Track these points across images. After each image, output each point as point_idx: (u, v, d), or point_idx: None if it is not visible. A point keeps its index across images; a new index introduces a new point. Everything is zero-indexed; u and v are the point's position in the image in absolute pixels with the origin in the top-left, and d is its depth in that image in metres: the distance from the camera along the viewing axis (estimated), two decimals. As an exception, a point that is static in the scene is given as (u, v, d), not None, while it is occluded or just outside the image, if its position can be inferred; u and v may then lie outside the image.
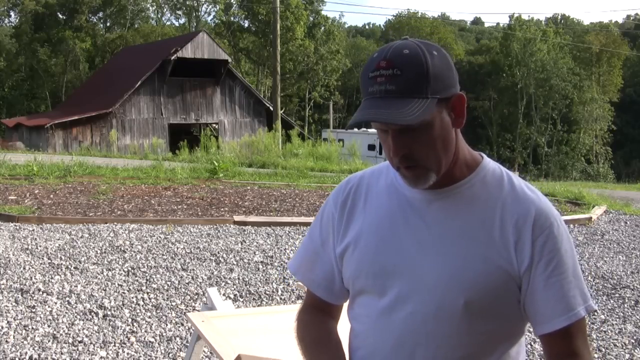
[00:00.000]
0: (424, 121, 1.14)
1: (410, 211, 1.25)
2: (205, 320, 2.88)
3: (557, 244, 1.20)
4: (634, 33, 58.43)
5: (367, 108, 1.14)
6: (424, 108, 1.12)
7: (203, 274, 5.56)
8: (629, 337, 4.40)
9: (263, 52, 43.75)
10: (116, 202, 8.81)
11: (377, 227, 1.28)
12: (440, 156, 1.19)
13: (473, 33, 75.45)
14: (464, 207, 1.23)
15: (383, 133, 1.20)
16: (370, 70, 1.16)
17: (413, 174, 1.19)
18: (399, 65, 1.13)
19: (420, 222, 1.24)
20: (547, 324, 1.21)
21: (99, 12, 49.26)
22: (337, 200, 1.37)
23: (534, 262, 1.19)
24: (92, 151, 23.13)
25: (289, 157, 18.37)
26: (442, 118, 1.18)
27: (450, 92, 1.17)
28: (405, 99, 1.12)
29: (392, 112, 1.11)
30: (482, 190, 1.24)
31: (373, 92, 1.15)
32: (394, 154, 1.17)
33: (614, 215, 9.35)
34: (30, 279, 5.21)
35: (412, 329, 1.21)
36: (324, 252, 1.38)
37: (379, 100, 1.13)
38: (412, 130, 1.15)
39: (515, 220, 1.20)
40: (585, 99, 46.94)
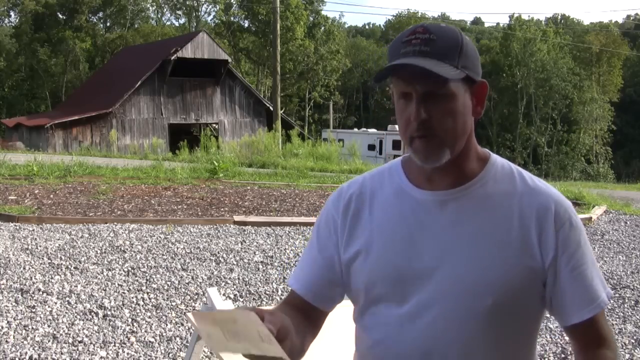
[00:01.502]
0: (450, 91, 1.14)
1: (423, 214, 1.22)
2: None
3: (577, 235, 1.21)
4: (634, 33, 58.42)
5: (402, 60, 1.13)
6: (455, 73, 1.13)
7: (203, 274, 5.56)
8: (629, 337, 4.40)
9: (263, 52, 43.75)
10: (116, 202, 8.81)
11: (390, 232, 1.23)
12: (457, 132, 1.17)
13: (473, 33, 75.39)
14: (480, 206, 1.21)
15: (403, 99, 1.18)
16: (404, 36, 1.16)
17: (427, 146, 1.16)
18: (435, 32, 1.14)
19: (436, 225, 1.20)
20: (575, 315, 1.22)
21: (99, 12, 49.28)
22: (338, 206, 1.31)
23: (559, 254, 1.19)
24: (92, 151, 23.13)
25: (289, 157, 18.37)
26: (465, 97, 1.17)
27: (476, 76, 1.18)
28: (439, 61, 1.12)
29: (429, 64, 1.11)
30: (495, 188, 1.22)
31: (406, 52, 1.14)
32: (414, 117, 1.14)
33: (614, 215, 9.34)
34: (30, 279, 5.21)
35: (438, 335, 1.18)
36: (321, 258, 1.31)
37: (413, 58, 1.13)
38: (436, 97, 1.14)
39: (536, 214, 1.19)
40: (585, 99, 46.94)
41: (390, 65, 1.14)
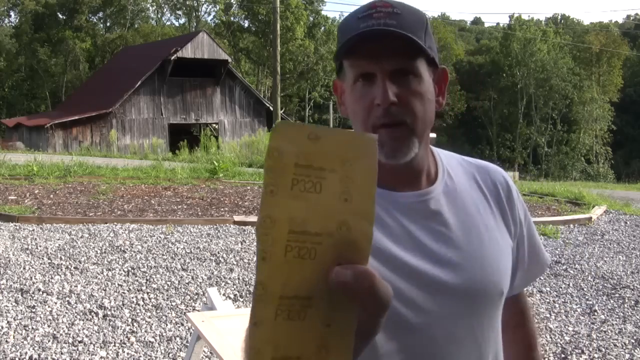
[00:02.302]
0: (419, 70, 1.00)
1: (417, 220, 1.06)
2: (205, 320, 2.88)
3: (521, 198, 1.20)
4: (634, 33, 58.41)
5: (366, 33, 0.97)
6: (427, 49, 0.99)
7: (203, 274, 5.56)
8: (629, 337, 4.40)
9: (263, 52, 43.75)
10: (116, 202, 8.81)
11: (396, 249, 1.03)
12: (426, 120, 1.02)
13: (473, 33, 75.34)
14: (459, 198, 1.10)
15: (362, 82, 1.00)
16: (361, 12, 1.00)
17: (394, 136, 0.99)
18: (399, 7, 1.00)
19: (434, 227, 1.06)
20: (525, 279, 1.21)
21: (99, 12, 49.28)
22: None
23: (523, 224, 1.17)
24: (92, 151, 23.12)
25: (289, 157, 18.35)
26: (430, 82, 1.03)
27: (438, 60, 1.05)
28: (407, 34, 0.97)
29: (397, 32, 0.96)
30: (456, 175, 1.13)
31: (369, 25, 0.97)
32: (382, 100, 0.97)
33: (614, 215, 9.34)
34: (30, 279, 5.21)
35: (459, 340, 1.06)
36: None
37: (378, 30, 0.97)
38: (405, 78, 0.99)
39: (495, 190, 1.15)
40: (585, 99, 46.92)
41: (357, 35, 0.96)
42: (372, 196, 0.58)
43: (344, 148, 0.57)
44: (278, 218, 0.57)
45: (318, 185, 0.57)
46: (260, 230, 0.58)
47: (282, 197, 0.57)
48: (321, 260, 0.58)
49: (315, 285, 0.58)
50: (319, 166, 0.57)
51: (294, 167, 0.57)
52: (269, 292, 0.57)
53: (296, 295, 0.58)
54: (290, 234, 0.57)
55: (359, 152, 0.58)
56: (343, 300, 0.59)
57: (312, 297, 0.58)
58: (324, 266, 0.58)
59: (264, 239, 0.57)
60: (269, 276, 0.57)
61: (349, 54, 1.01)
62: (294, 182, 0.57)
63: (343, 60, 1.03)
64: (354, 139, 0.58)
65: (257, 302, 0.57)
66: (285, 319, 0.58)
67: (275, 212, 0.57)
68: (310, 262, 0.58)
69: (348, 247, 0.58)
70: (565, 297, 5.33)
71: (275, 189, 0.57)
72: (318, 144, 0.57)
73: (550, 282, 5.73)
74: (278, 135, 0.57)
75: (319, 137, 0.57)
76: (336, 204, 0.57)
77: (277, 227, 0.57)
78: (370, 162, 0.57)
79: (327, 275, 0.58)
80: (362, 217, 0.58)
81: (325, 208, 0.57)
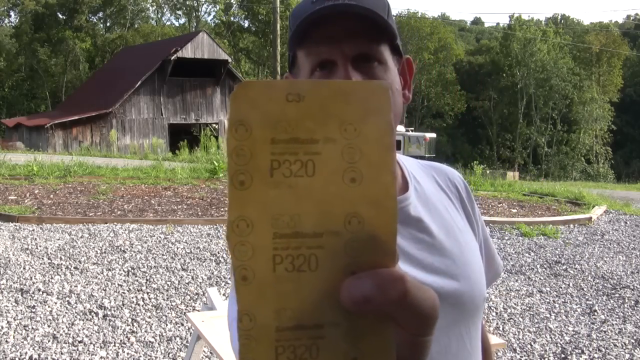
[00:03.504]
0: (383, 56, 0.88)
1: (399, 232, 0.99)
2: (205, 320, 2.88)
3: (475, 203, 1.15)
4: (634, 33, 58.42)
5: (321, 12, 0.84)
6: (390, 28, 0.87)
7: (203, 274, 5.56)
8: (629, 337, 4.40)
9: (263, 52, 43.78)
10: (116, 202, 8.81)
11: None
12: (395, 113, 0.88)
13: (473, 33, 75.37)
14: (429, 202, 1.03)
15: (320, 71, 0.88)
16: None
17: None
18: None
19: (418, 237, 0.99)
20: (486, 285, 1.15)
21: (99, 12, 49.32)
22: None
23: (479, 226, 1.11)
24: (92, 151, 23.13)
25: (289, 157, 18.38)
26: (395, 72, 0.92)
27: (401, 48, 0.93)
28: (370, 9, 0.85)
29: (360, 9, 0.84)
30: (421, 178, 1.06)
31: (325, 6, 0.85)
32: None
33: (614, 215, 9.34)
34: (30, 279, 5.21)
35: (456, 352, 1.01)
36: None
37: (333, 7, 0.84)
38: (367, 65, 0.87)
39: (456, 190, 1.10)
40: (585, 99, 46.94)
41: (310, 15, 0.84)
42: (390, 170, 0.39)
43: (343, 105, 0.39)
44: (256, 218, 0.39)
45: (310, 164, 0.39)
46: (233, 238, 0.38)
47: (258, 188, 0.38)
48: (326, 270, 0.40)
49: (323, 307, 0.40)
50: (308, 137, 0.39)
51: (271, 143, 0.38)
52: (259, 324, 0.39)
53: (299, 325, 0.40)
54: (276, 239, 0.39)
55: (367, 107, 0.39)
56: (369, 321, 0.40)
57: (322, 325, 0.40)
58: (331, 278, 0.40)
59: (240, 250, 0.39)
60: (255, 302, 0.39)
61: (303, 41, 0.88)
62: (273, 164, 0.38)
63: (296, 50, 0.89)
64: (357, 89, 0.40)
65: (245, 340, 0.39)
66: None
67: (251, 210, 0.39)
68: (311, 275, 0.40)
69: (364, 248, 0.40)
70: (565, 297, 5.33)
71: (246, 178, 0.38)
72: (303, 106, 0.38)
73: (550, 282, 5.73)
74: (240, 101, 0.38)
75: (303, 97, 0.39)
76: (340, 189, 0.39)
77: (257, 231, 0.39)
78: (384, 120, 0.39)
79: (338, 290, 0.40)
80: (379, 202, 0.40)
81: (324, 196, 0.39)
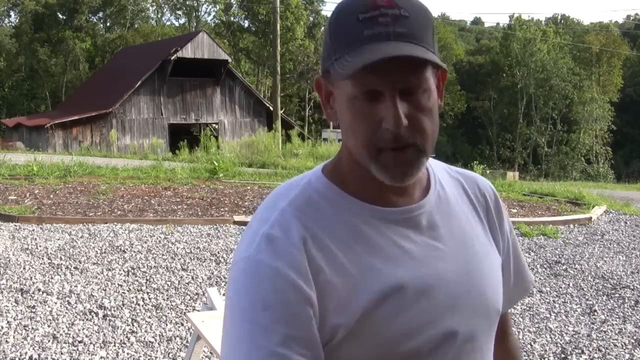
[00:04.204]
0: (428, 84, 0.88)
1: (411, 237, 0.96)
2: (205, 320, 2.88)
3: (508, 216, 1.14)
4: (634, 33, 58.42)
5: (380, 49, 0.82)
6: (438, 62, 0.86)
7: (203, 274, 5.56)
8: (629, 337, 4.40)
9: (263, 52, 43.77)
10: (116, 202, 8.81)
11: (385, 277, 0.92)
12: (434, 134, 0.90)
13: (473, 33, 75.37)
14: (450, 210, 1.02)
15: (365, 98, 0.86)
16: (360, 12, 0.85)
17: (403, 160, 0.88)
18: (405, 6, 0.85)
19: (431, 244, 0.97)
20: (511, 300, 1.15)
21: (99, 12, 49.31)
22: (293, 258, 0.89)
23: (508, 240, 1.11)
24: (92, 151, 23.13)
25: (289, 157, 18.38)
26: (435, 90, 0.91)
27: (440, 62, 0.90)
28: (420, 46, 0.84)
29: (416, 51, 0.83)
30: (447, 185, 1.04)
31: (375, 35, 0.84)
32: (394, 124, 0.85)
33: (614, 215, 9.34)
34: (30, 279, 5.21)
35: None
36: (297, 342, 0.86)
37: (389, 44, 0.83)
38: (413, 95, 0.87)
39: (484, 201, 1.08)
40: (585, 99, 46.94)
41: (374, 55, 0.82)
42: None
43: None
44: None
45: None
46: None
47: None
48: None
49: None
50: None
51: None
52: None
53: None
54: None
55: None
56: None
57: None
58: None
59: None
60: None
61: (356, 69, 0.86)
62: None
63: (339, 68, 0.87)
64: None
65: None
66: None
67: None
68: None
69: None
70: (565, 297, 5.33)
71: None
72: None
73: (550, 282, 5.73)
74: None
75: None
76: None
77: None
78: None
79: None
80: None
81: None
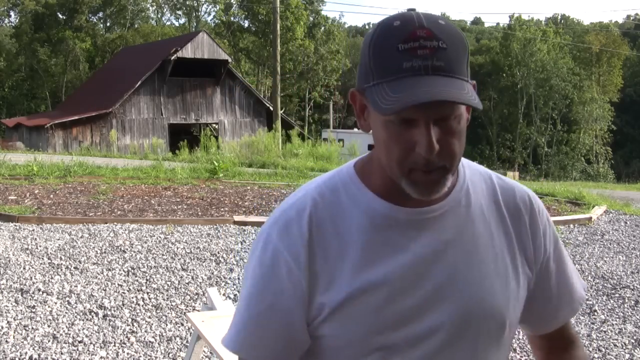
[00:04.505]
0: (460, 111, 0.93)
1: (413, 238, 1.00)
2: (205, 320, 2.88)
3: (554, 228, 1.11)
4: (634, 33, 58.43)
5: (420, 86, 0.87)
6: (474, 93, 0.91)
7: (203, 274, 5.56)
8: (629, 337, 4.40)
9: (263, 52, 43.75)
10: (116, 202, 8.81)
11: (379, 268, 0.98)
12: (461, 154, 0.96)
13: (473, 33, 75.43)
14: (469, 216, 1.03)
15: (402, 124, 0.91)
16: (401, 41, 0.89)
17: (431, 179, 0.93)
18: (443, 37, 0.89)
19: (432, 248, 1.00)
20: (557, 319, 1.14)
21: (99, 12, 49.32)
22: (292, 241, 0.99)
23: (547, 255, 1.09)
24: (92, 151, 23.12)
25: (289, 157, 18.38)
26: (465, 110, 0.96)
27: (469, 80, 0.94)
28: (456, 80, 0.89)
29: (456, 91, 0.88)
30: (476, 192, 1.06)
31: (415, 67, 0.88)
32: (426, 150, 0.89)
33: (614, 215, 9.34)
34: (30, 279, 5.21)
35: None
36: (275, 315, 1.00)
37: (429, 79, 0.88)
38: (445, 121, 0.91)
39: (519, 213, 1.07)
40: (585, 99, 46.94)
41: (419, 96, 0.86)
42: None
43: None
44: None
45: None
46: None
47: None
48: None
49: None
50: None
51: None
52: None
53: None
54: None
55: None
56: None
57: None
58: None
59: None
60: None
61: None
62: None
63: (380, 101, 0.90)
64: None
65: None
66: None
67: None
68: None
69: None
70: (565, 297, 5.32)
71: None
72: None
73: (550, 282, 5.73)
74: None
75: None
76: None
77: None
78: None
79: None
80: None
81: None
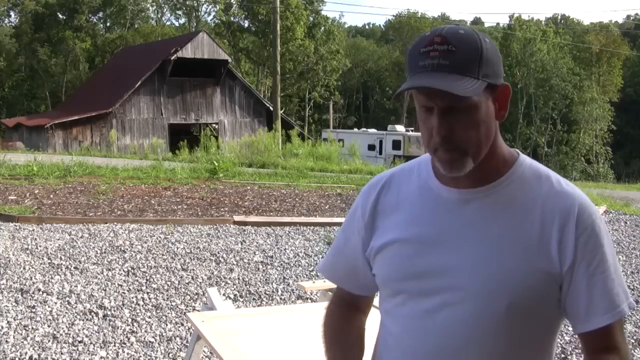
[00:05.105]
0: (471, 102, 1.13)
1: (447, 212, 1.23)
2: (205, 320, 2.88)
3: (599, 241, 1.19)
4: (634, 33, 58.42)
5: (420, 78, 1.12)
6: (475, 87, 1.11)
7: (203, 274, 5.56)
8: (629, 337, 4.40)
9: (263, 52, 43.73)
10: (116, 202, 8.81)
11: (415, 228, 1.25)
12: (480, 141, 1.16)
13: (473, 33, 75.15)
14: (503, 206, 1.21)
15: (425, 112, 1.17)
16: (422, 46, 1.14)
17: (450, 157, 1.16)
18: (454, 42, 1.12)
19: (458, 223, 1.22)
20: (589, 322, 1.20)
21: (99, 12, 49.23)
22: (367, 199, 1.34)
23: (577, 260, 1.17)
24: (92, 151, 23.12)
25: (289, 157, 18.38)
26: (487, 104, 1.17)
27: (498, 80, 1.17)
28: (458, 75, 1.11)
29: (447, 82, 1.10)
30: (520, 189, 1.22)
31: (424, 65, 1.13)
32: (436, 132, 1.14)
33: (614, 215, 9.34)
34: (30, 279, 5.21)
35: (453, 333, 1.19)
36: (347, 249, 1.38)
37: (432, 73, 1.12)
38: (457, 110, 1.14)
39: (558, 218, 1.18)
40: (585, 99, 46.93)
41: (412, 83, 1.13)
42: None
43: None
44: None
45: None
46: None
47: None
48: None
49: None
50: None
51: None
52: None
53: None
54: None
55: None
56: None
57: None
58: None
59: None
60: None
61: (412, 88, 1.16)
62: None
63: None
64: None
65: None
66: None
67: None
68: None
69: None
70: (565, 297, 5.32)
71: None
72: None
73: (550, 282, 5.73)
74: None
75: None
76: None
77: None
78: None
79: None
80: None
81: None
